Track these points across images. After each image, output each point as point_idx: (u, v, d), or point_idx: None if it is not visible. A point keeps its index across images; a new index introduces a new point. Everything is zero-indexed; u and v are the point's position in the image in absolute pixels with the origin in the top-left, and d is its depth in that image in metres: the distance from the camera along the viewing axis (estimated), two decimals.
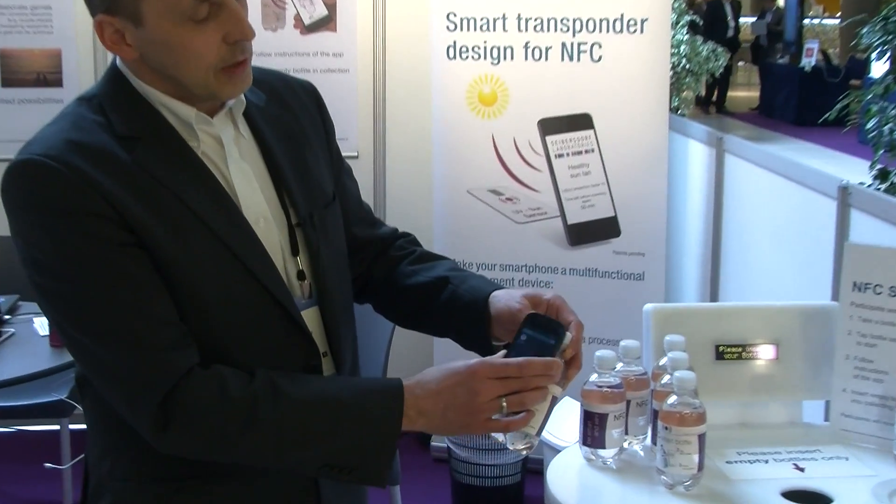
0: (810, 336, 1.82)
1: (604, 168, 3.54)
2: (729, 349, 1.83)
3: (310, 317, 1.44)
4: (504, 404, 1.33)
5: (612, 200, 3.55)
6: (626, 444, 1.68)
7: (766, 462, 1.69)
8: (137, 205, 1.30)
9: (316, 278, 1.45)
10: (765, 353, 1.83)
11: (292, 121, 1.51)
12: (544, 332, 1.39)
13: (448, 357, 1.37)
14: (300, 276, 1.44)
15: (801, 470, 1.66)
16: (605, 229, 3.58)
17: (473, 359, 1.36)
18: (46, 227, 1.28)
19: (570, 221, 3.59)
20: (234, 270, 1.35)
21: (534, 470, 3.60)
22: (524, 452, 1.41)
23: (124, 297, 1.28)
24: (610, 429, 1.61)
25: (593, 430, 1.62)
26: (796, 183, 2.95)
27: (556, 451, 2.98)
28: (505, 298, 1.48)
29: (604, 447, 1.63)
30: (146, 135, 1.35)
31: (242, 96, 1.43)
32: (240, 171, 1.41)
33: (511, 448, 1.39)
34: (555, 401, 1.38)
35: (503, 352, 1.38)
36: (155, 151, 1.34)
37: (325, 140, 1.57)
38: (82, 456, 1.51)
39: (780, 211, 3.12)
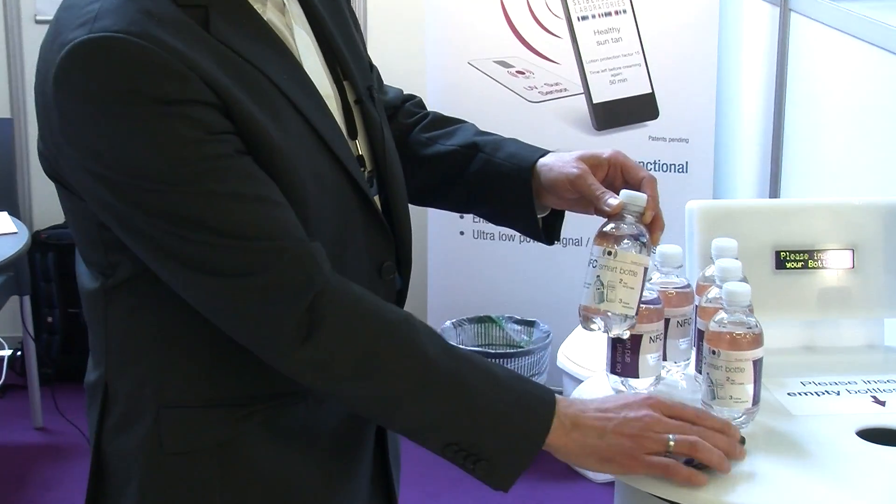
0: (895, 240, 1.81)
1: (638, 33, 3.52)
2: (792, 256, 1.82)
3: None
4: (672, 443, 1.41)
5: (649, 73, 3.54)
6: (664, 373, 1.68)
7: (838, 394, 1.70)
8: (234, 87, 1.33)
9: (377, 163, 1.53)
10: (837, 260, 1.83)
11: None
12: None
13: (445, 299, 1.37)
14: (360, 161, 1.50)
15: (882, 404, 1.67)
16: (639, 109, 3.57)
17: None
18: (141, 121, 1.27)
19: (597, 100, 3.58)
20: (323, 157, 1.42)
21: None
22: (626, 334, 1.55)
23: (251, 188, 1.32)
24: (644, 353, 1.61)
25: (624, 356, 1.62)
26: (883, 49, 2.91)
27: (577, 381, 3.01)
28: (558, 165, 1.58)
29: (637, 376, 1.63)
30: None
31: None
32: (302, 42, 1.46)
33: (611, 334, 1.54)
34: (646, 272, 1.51)
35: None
36: (227, 20, 1.36)
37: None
38: None
39: (861, 86, 3.09)
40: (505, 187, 1.61)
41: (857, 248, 1.82)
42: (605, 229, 1.51)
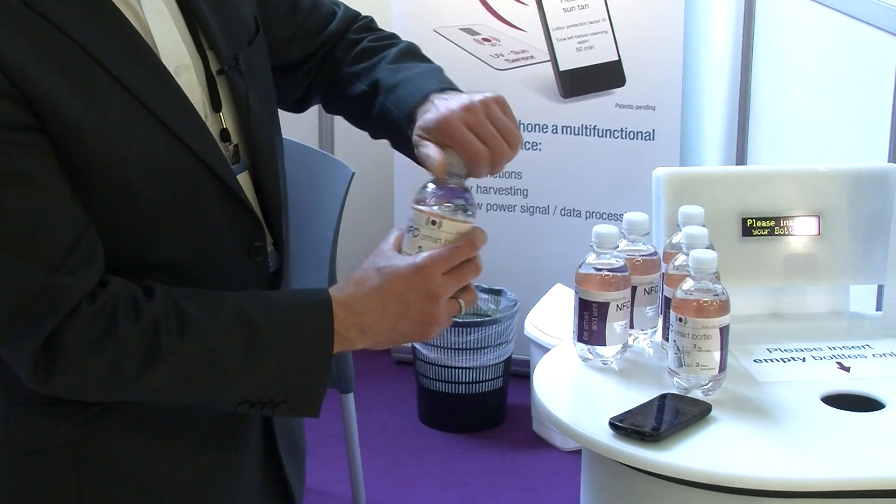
0: (860, 206, 1.83)
1: (605, 0, 3.50)
2: (759, 223, 1.83)
3: (242, 183, 1.42)
4: (462, 303, 1.36)
5: (616, 41, 3.53)
6: (630, 340, 1.68)
7: (804, 360, 1.71)
8: (37, 65, 1.25)
9: (246, 136, 1.44)
10: (803, 227, 1.83)
11: None
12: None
13: None
14: (224, 135, 1.42)
15: (847, 370, 1.68)
16: (606, 77, 3.56)
17: (388, 244, 1.35)
18: None
19: (563, 67, 3.57)
20: (157, 136, 1.32)
21: (518, 373, 3.63)
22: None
23: (10, 200, 1.24)
24: (611, 321, 1.61)
25: (591, 323, 1.62)
26: (848, 16, 2.91)
27: (544, 349, 3.02)
28: (435, 109, 1.40)
29: (604, 344, 1.63)
30: None
31: None
32: (154, 9, 1.37)
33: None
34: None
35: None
36: None
37: None
38: None
39: (827, 54, 3.09)
40: (392, 133, 1.50)
41: (822, 215, 1.83)
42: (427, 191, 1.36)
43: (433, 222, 1.34)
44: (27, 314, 1.25)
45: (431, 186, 1.35)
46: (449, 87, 1.46)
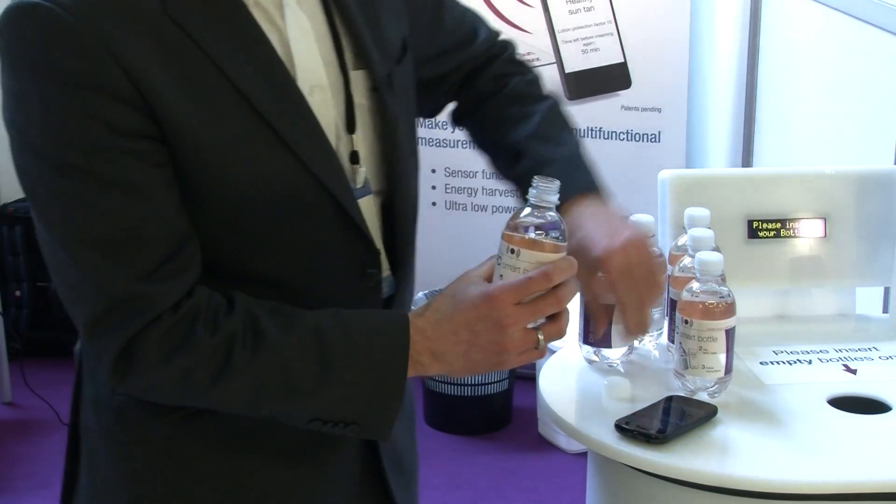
0: (867, 208, 1.82)
1: (610, 2, 3.50)
2: (764, 225, 1.82)
3: (364, 207, 1.42)
4: (541, 337, 1.32)
5: (621, 43, 3.53)
6: (636, 343, 1.68)
7: (810, 363, 1.70)
8: (162, 73, 1.26)
9: (385, 158, 1.44)
10: (809, 229, 1.83)
11: None
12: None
13: None
14: (353, 157, 1.41)
15: (853, 372, 1.67)
16: (611, 79, 3.56)
17: (477, 271, 1.34)
18: (42, 95, 1.24)
19: (569, 70, 3.57)
20: (278, 157, 1.33)
21: (524, 376, 3.63)
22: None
23: (115, 204, 1.26)
24: (617, 323, 1.61)
25: (596, 326, 1.62)
26: (854, 18, 2.91)
27: (550, 351, 3.02)
28: (588, 237, 1.46)
29: (609, 346, 1.63)
30: None
31: None
32: (297, 25, 1.37)
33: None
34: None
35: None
36: None
37: None
38: None
39: (833, 56, 3.09)
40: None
41: (828, 217, 1.83)
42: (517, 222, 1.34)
43: (512, 251, 1.31)
44: (112, 316, 1.28)
45: (519, 214, 1.33)
46: (593, 186, 1.54)
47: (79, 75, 1.23)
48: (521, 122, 1.59)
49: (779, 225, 1.82)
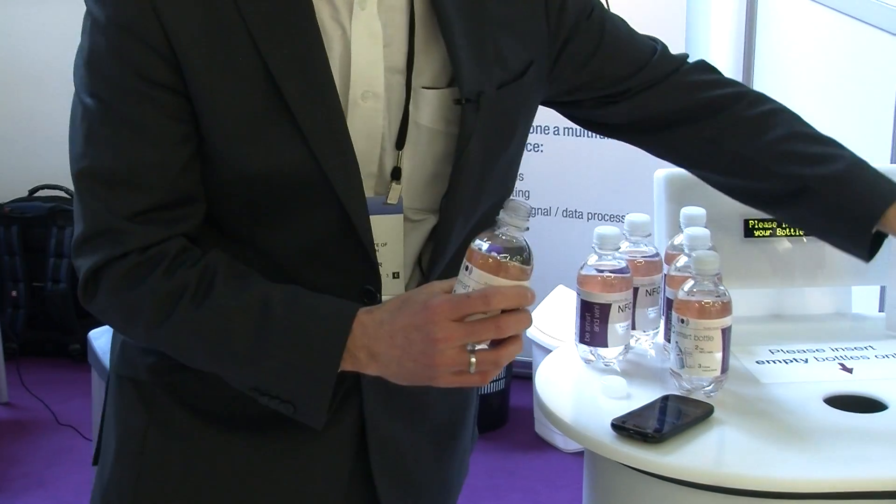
0: None
1: (606, 1, 3.50)
2: (761, 224, 1.83)
3: (388, 225, 1.40)
4: (473, 361, 1.27)
5: None
6: (632, 342, 1.68)
7: (806, 362, 1.70)
8: (201, 38, 1.32)
9: (453, 179, 1.40)
10: None
11: None
12: None
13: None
14: (395, 173, 1.40)
15: (849, 371, 1.68)
16: None
17: (441, 283, 1.31)
18: (94, 23, 1.34)
19: None
20: (289, 146, 1.33)
21: (521, 375, 3.63)
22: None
23: (121, 141, 1.33)
24: (613, 322, 1.61)
25: (593, 325, 1.62)
26: (850, 17, 2.91)
27: (547, 350, 3.02)
28: None
29: (606, 345, 1.63)
30: None
31: None
32: (366, 28, 1.37)
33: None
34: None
35: None
36: None
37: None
38: None
39: (829, 54, 3.09)
40: (833, 227, 1.56)
41: None
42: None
43: (466, 267, 1.27)
44: (92, 241, 1.35)
45: (485, 232, 1.29)
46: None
47: (121, 16, 1.31)
48: (787, 156, 1.59)
49: (775, 224, 1.82)
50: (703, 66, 1.66)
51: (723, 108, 1.60)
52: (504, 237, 1.28)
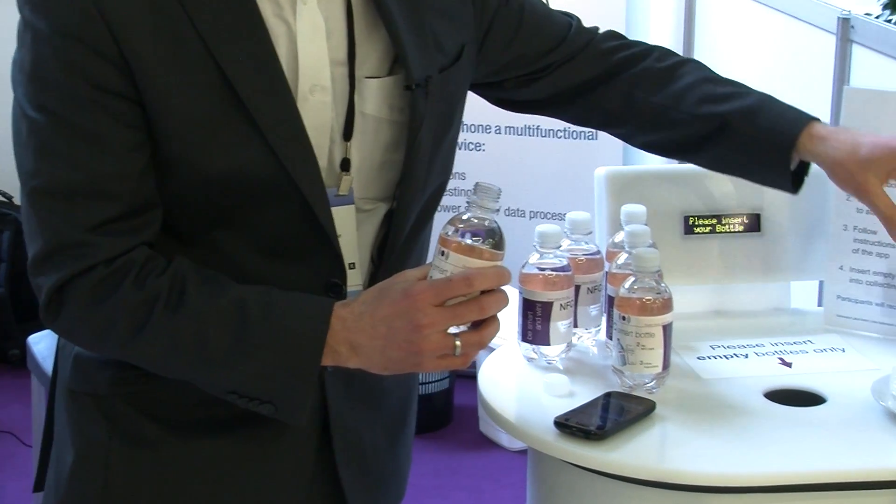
0: (800, 203, 1.83)
1: (546, 1, 3.51)
2: (700, 221, 1.84)
3: (342, 216, 1.40)
4: (458, 344, 1.30)
5: None
6: (574, 340, 1.68)
7: (746, 357, 1.72)
8: (150, 41, 1.29)
9: (409, 165, 1.42)
10: (744, 225, 1.84)
11: None
12: None
13: None
14: (343, 164, 1.40)
15: (788, 365, 1.69)
16: None
17: (414, 271, 1.32)
18: (35, 35, 1.30)
19: None
20: (248, 144, 1.33)
21: (465, 374, 3.63)
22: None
23: (80, 154, 1.30)
24: (555, 321, 1.61)
25: (535, 323, 1.62)
26: (786, 14, 2.94)
27: (489, 349, 3.02)
28: (840, 149, 1.52)
29: (548, 343, 1.63)
30: None
31: None
32: (310, 23, 1.37)
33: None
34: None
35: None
36: None
37: None
38: None
39: (767, 50, 3.12)
40: (753, 159, 1.58)
41: (763, 213, 1.84)
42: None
43: (442, 253, 1.29)
44: (53, 258, 1.32)
45: (456, 217, 1.31)
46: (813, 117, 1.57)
47: (65, 24, 1.28)
48: (687, 92, 1.62)
49: (714, 221, 1.83)
50: (613, 34, 1.72)
51: (634, 63, 1.65)
52: (477, 220, 1.30)
